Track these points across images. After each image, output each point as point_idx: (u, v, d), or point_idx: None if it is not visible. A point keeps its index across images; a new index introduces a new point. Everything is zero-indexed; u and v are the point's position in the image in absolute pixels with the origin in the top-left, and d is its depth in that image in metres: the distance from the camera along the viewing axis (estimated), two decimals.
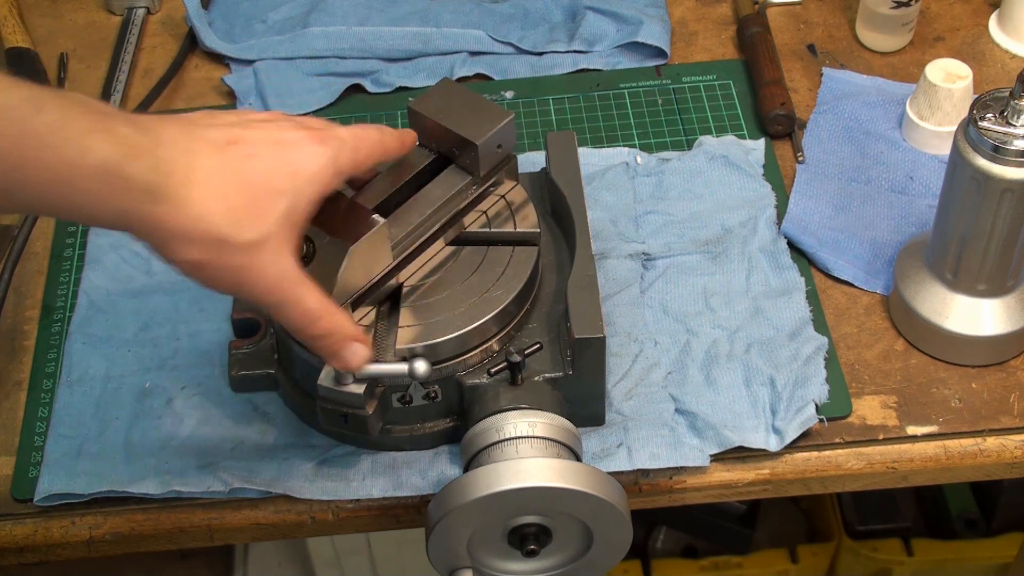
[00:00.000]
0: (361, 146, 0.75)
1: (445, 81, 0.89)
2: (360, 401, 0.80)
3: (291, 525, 0.87)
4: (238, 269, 0.69)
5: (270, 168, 0.70)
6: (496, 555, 0.83)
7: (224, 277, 0.69)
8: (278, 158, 0.70)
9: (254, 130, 0.71)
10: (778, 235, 0.99)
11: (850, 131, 1.08)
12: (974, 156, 0.82)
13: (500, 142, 0.86)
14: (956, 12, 1.19)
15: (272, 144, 0.71)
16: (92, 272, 1.00)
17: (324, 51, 1.17)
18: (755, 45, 1.14)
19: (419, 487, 0.86)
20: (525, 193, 0.89)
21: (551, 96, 1.14)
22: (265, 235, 0.69)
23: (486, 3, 1.22)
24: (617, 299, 0.95)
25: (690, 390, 0.90)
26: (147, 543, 0.88)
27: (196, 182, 0.67)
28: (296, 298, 0.72)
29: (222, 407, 0.91)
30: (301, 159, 0.71)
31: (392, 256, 0.82)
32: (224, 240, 0.67)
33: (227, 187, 0.68)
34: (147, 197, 0.65)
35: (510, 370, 0.82)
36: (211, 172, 0.67)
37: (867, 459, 0.88)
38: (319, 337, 0.74)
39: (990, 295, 0.89)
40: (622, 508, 0.78)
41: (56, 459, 0.88)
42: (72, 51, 1.21)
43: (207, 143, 0.68)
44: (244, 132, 0.70)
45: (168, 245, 0.67)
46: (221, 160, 0.68)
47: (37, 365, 0.96)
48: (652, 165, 1.05)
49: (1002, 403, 0.90)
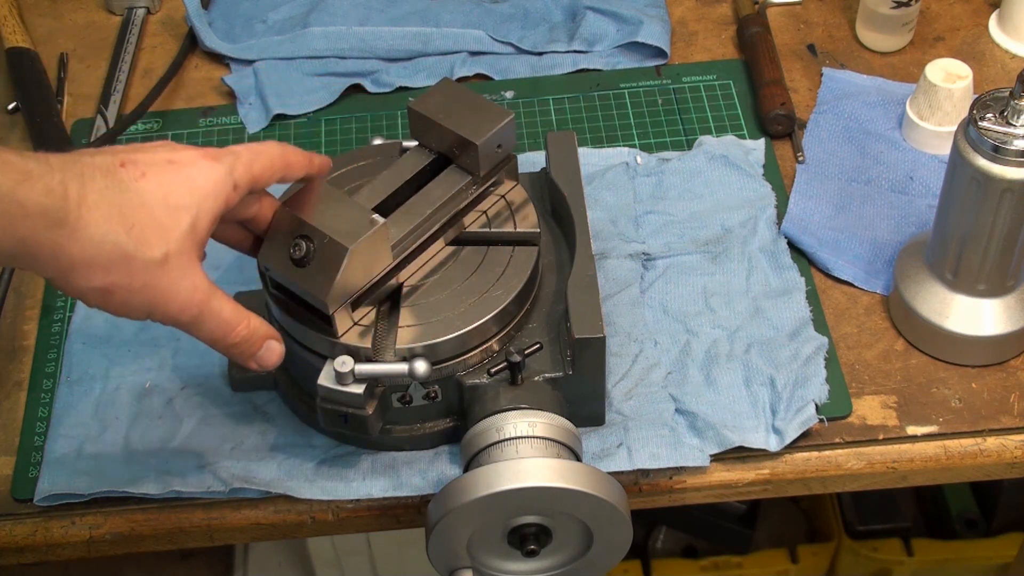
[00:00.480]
0: (257, 160, 0.74)
1: (445, 81, 0.89)
2: (360, 401, 0.80)
3: (291, 525, 0.87)
4: (148, 289, 0.68)
5: (166, 185, 0.69)
6: (496, 555, 0.83)
7: (135, 299, 0.69)
8: (173, 176, 0.70)
9: (144, 153, 0.71)
10: (778, 235, 0.99)
11: (850, 131, 1.08)
12: (974, 156, 0.82)
13: (500, 142, 0.86)
14: (956, 12, 1.19)
15: (164, 164, 0.70)
16: None
17: (324, 51, 1.17)
18: (755, 45, 1.14)
19: (419, 487, 0.86)
20: (525, 193, 0.89)
21: (551, 96, 1.14)
22: (171, 251, 0.68)
23: (486, 3, 1.22)
24: (617, 299, 0.95)
25: (690, 390, 0.90)
26: (147, 543, 0.88)
27: (91, 204, 0.66)
28: (213, 310, 0.72)
29: (222, 407, 0.91)
30: (197, 175, 0.71)
31: (392, 256, 0.82)
32: (130, 259, 0.67)
33: (123, 207, 0.67)
34: (44, 221, 0.64)
35: (510, 370, 0.82)
36: (105, 193, 0.67)
37: (867, 459, 0.88)
38: (237, 344, 0.74)
39: (990, 295, 0.89)
40: (622, 508, 0.78)
41: (56, 459, 0.88)
42: (72, 51, 1.21)
43: (95, 168, 0.67)
44: (133, 155, 0.70)
45: (72, 272, 0.67)
46: (113, 181, 0.67)
47: (37, 365, 0.96)
48: (652, 165, 1.05)
49: (1002, 403, 0.90)
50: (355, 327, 0.81)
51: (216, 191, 0.71)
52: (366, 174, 0.89)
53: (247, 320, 0.74)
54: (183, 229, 0.69)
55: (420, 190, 0.86)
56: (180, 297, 0.70)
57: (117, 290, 0.68)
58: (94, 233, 0.66)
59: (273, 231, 0.80)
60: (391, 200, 0.84)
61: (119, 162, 0.69)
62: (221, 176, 0.72)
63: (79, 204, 0.65)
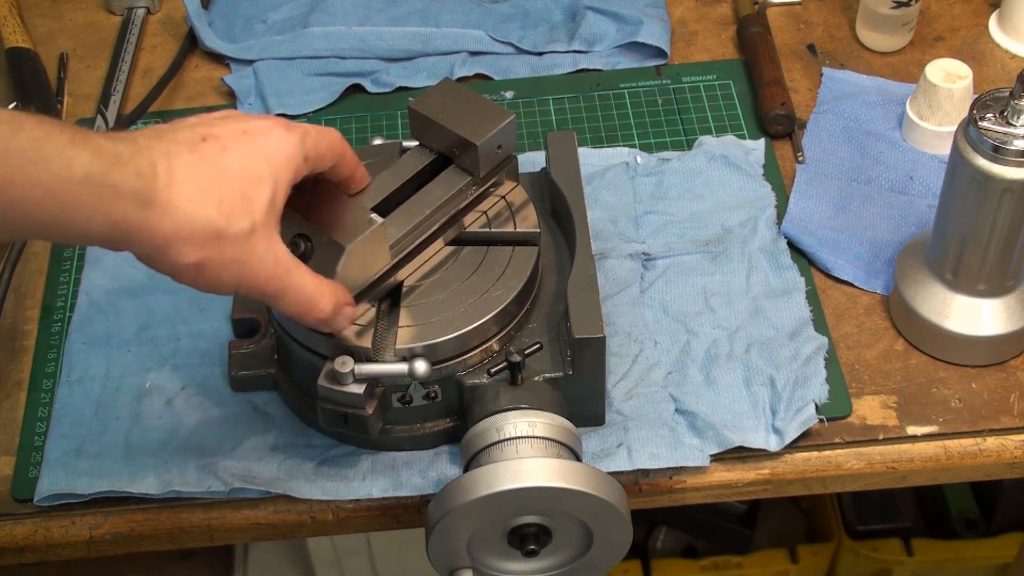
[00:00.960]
0: (323, 138, 0.75)
1: (446, 81, 0.89)
2: (360, 401, 0.80)
3: (291, 525, 0.87)
4: (237, 262, 0.69)
5: (246, 157, 0.70)
6: (496, 555, 0.83)
7: (226, 273, 0.70)
8: (251, 147, 0.71)
9: (220, 126, 0.71)
10: (778, 235, 0.99)
11: (850, 131, 1.08)
12: (974, 156, 0.82)
13: (500, 143, 0.86)
14: (956, 12, 1.19)
15: (241, 135, 0.71)
16: (92, 272, 1.00)
17: (324, 51, 1.17)
18: (755, 45, 1.14)
19: (419, 487, 0.86)
20: (525, 193, 0.89)
21: (551, 96, 1.14)
22: (257, 222, 0.69)
23: (486, 3, 1.22)
24: (617, 299, 0.95)
25: (690, 390, 0.90)
26: (147, 543, 0.88)
27: (179, 182, 0.67)
28: (296, 285, 0.73)
29: (222, 407, 0.91)
30: (272, 145, 0.71)
31: (390, 256, 0.82)
32: (220, 234, 0.68)
33: (211, 182, 0.68)
34: (137, 203, 0.65)
35: (510, 370, 0.82)
36: (191, 169, 0.68)
37: (867, 459, 0.88)
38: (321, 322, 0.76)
39: (990, 295, 0.89)
40: (622, 508, 0.78)
41: (56, 459, 0.88)
42: (72, 51, 1.21)
43: (180, 144, 0.69)
44: (211, 129, 0.71)
45: (166, 250, 0.67)
46: (198, 157, 0.68)
47: (37, 365, 0.96)
48: (652, 165, 1.05)
49: (1002, 403, 0.90)
50: (353, 326, 0.81)
51: (290, 161, 0.72)
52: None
53: (333, 292, 0.75)
54: (265, 200, 0.70)
55: (420, 190, 0.86)
56: (266, 269, 0.71)
57: (210, 264, 0.69)
58: (187, 210, 0.67)
59: None
60: (391, 199, 0.84)
61: (200, 136, 0.70)
62: (295, 145, 0.72)
63: (169, 183, 0.66)
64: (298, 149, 0.73)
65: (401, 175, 0.86)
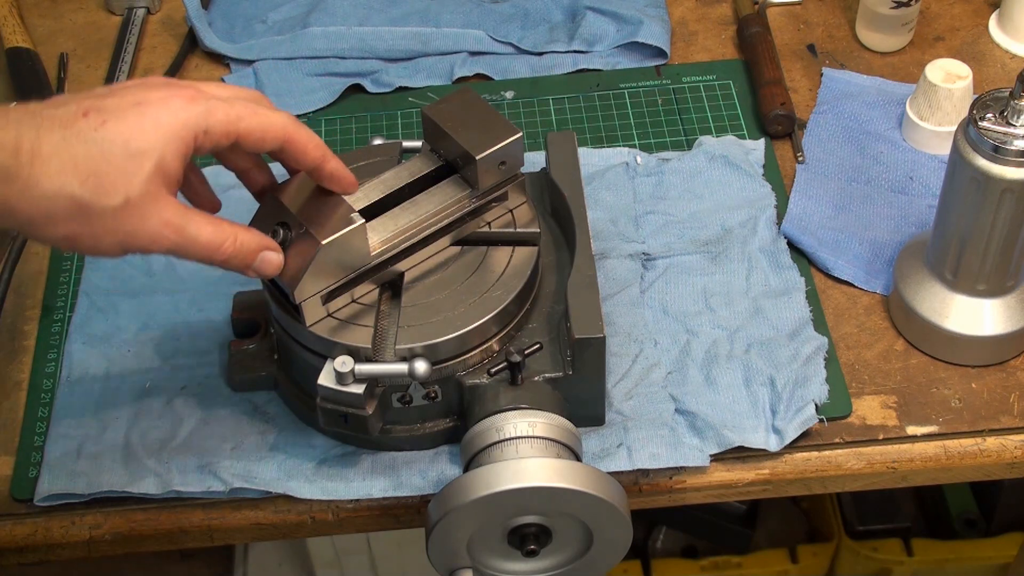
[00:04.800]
0: (250, 119, 0.74)
1: (465, 89, 0.88)
2: (360, 401, 0.80)
3: (291, 525, 0.87)
4: (113, 232, 0.69)
5: (128, 131, 0.69)
6: (496, 555, 0.83)
7: (104, 243, 0.70)
8: (137, 119, 0.70)
9: (113, 98, 0.71)
10: (778, 235, 0.99)
11: (850, 131, 1.08)
12: (974, 156, 0.82)
13: (504, 159, 0.84)
14: (956, 12, 1.19)
15: (130, 107, 0.70)
16: (92, 272, 1.00)
17: (324, 51, 1.17)
18: (755, 45, 1.14)
19: (419, 487, 0.86)
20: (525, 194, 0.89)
21: (551, 96, 1.14)
22: (132, 195, 0.69)
23: (486, 3, 1.22)
24: (617, 299, 0.95)
25: (690, 390, 0.90)
26: (147, 543, 0.88)
27: (45, 157, 0.67)
28: (190, 238, 0.72)
29: (222, 407, 0.91)
30: (164, 115, 0.70)
31: (371, 257, 0.82)
32: (85, 209, 0.68)
33: (78, 158, 0.68)
34: None
35: (510, 370, 0.82)
36: (60, 146, 0.67)
37: (867, 459, 0.88)
38: (226, 261, 0.75)
39: (990, 295, 0.89)
40: (622, 508, 0.78)
41: (56, 459, 0.88)
42: (72, 51, 1.22)
43: (53, 120, 0.68)
44: (99, 102, 0.70)
45: (31, 225, 0.68)
46: (71, 133, 0.68)
47: (37, 365, 0.96)
48: (652, 165, 1.05)
49: (1002, 403, 0.90)
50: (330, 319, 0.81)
51: (182, 132, 0.71)
52: (365, 174, 0.89)
53: (233, 237, 0.74)
54: (146, 173, 0.69)
55: (419, 195, 0.85)
56: (150, 233, 0.70)
57: (82, 237, 0.69)
58: (47, 187, 0.67)
59: (261, 215, 0.81)
60: (390, 199, 0.84)
61: (82, 111, 0.69)
62: (191, 117, 0.71)
63: (32, 159, 0.67)
64: (194, 120, 0.71)
65: (402, 177, 0.86)
